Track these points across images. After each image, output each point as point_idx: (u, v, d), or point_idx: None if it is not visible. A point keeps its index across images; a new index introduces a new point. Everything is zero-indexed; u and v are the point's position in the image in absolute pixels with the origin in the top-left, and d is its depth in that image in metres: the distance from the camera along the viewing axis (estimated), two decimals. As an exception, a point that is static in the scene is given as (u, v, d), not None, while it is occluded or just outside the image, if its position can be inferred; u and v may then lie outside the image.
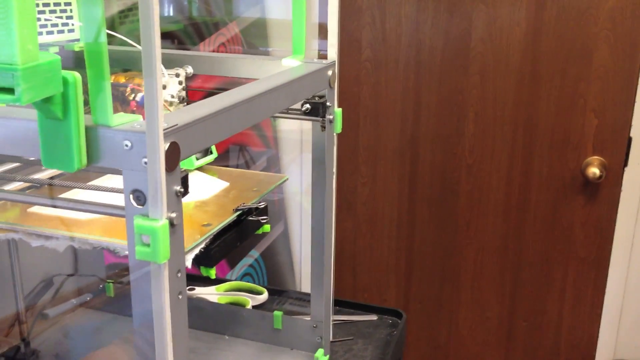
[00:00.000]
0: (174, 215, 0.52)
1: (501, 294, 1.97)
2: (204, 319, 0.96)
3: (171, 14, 1.51)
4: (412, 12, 1.82)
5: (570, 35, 1.70)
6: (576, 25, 1.69)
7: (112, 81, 0.70)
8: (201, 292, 1.04)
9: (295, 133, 1.98)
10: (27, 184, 0.69)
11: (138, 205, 0.51)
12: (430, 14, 1.81)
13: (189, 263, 0.61)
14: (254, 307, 1.02)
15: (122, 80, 0.72)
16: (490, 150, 1.87)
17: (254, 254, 1.85)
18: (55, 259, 0.92)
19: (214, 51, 1.51)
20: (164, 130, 0.50)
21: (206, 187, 0.74)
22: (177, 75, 0.73)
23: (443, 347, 2.06)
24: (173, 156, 0.51)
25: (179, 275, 0.54)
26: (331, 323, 0.92)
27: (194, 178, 0.76)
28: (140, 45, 0.47)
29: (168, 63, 0.76)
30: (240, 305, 1.02)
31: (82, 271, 0.98)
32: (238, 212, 0.68)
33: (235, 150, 1.80)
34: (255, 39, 1.65)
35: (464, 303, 2.01)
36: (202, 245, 0.63)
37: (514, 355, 2.01)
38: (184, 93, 0.73)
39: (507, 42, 1.77)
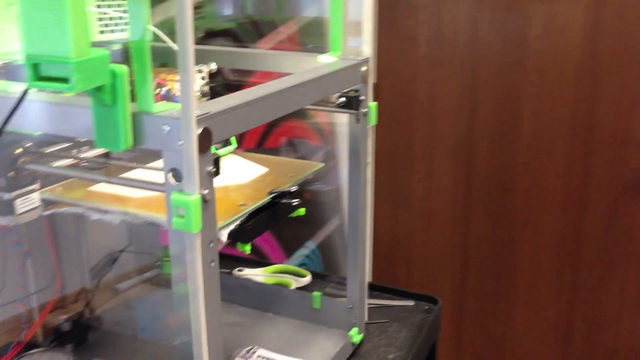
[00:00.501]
0: (206, 191, 0.59)
1: (559, 294, 1.96)
2: (250, 297, 1.04)
3: (229, 12, 1.59)
4: (468, 9, 1.84)
5: (631, 33, 1.68)
6: (637, 22, 1.67)
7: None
8: (249, 273, 1.12)
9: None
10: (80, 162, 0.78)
11: (175, 182, 0.59)
12: (487, 11, 1.82)
13: (224, 237, 0.69)
14: (297, 288, 1.08)
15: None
16: (547, 148, 1.87)
17: (311, 244, 1.91)
18: (118, 237, 1.02)
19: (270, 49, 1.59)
20: (197, 117, 0.57)
21: (246, 171, 0.82)
22: (200, 72, 0.80)
23: (499, 344, 2.07)
24: (205, 140, 0.58)
25: (212, 245, 0.62)
26: (367, 306, 0.97)
27: (235, 163, 0.84)
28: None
29: (208, 59, 0.83)
30: (284, 286, 1.09)
31: (142, 250, 1.07)
32: (272, 195, 0.75)
33: (293, 143, 1.88)
34: (312, 37, 1.71)
35: (520, 301, 2.01)
36: (237, 223, 0.70)
37: (571, 355, 2.00)
38: (206, 88, 0.80)
39: (566, 39, 1.76)
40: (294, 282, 1.10)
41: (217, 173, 0.61)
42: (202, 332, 0.62)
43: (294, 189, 0.75)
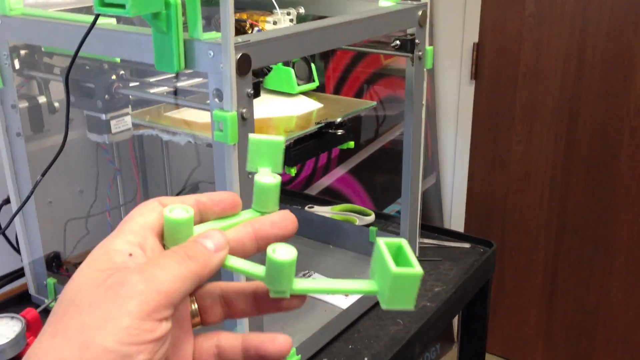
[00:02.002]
0: (244, 110, 0.68)
1: (661, 267, 1.87)
2: (314, 230, 1.13)
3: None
4: (578, -36, 1.77)
5: None
6: None
7: (236, 17, 0.87)
8: (319, 210, 1.20)
9: (453, 94, 2.04)
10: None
11: (218, 101, 0.68)
12: (598, -34, 1.74)
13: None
14: (360, 226, 1.15)
15: (244, 17, 0.89)
16: (658, 113, 1.77)
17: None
18: (201, 169, 1.14)
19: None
20: (236, 43, 0.65)
21: (301, 106, 0.89)
22: (289, 14, 0.88)
23: (592, 313, 2.01)
24: (244, 64, 0.67)
25: (249, 159, 0.70)
26: (418, 242, 1.03)
27: (295, 99, 0.92)
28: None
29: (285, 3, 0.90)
30: (348, 222, 1.16)
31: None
32: (318, 125, 0.82)
33: (392, 101, 1.92)
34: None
35: (617, 271, 1.94)
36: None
37: (671, 333, 1.91)
38: None
39: (686, -4, 1.65)
40: (358, 220, 1.17)
41: (256, 95, 0.69)
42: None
43: (338, 120, 0.82)
